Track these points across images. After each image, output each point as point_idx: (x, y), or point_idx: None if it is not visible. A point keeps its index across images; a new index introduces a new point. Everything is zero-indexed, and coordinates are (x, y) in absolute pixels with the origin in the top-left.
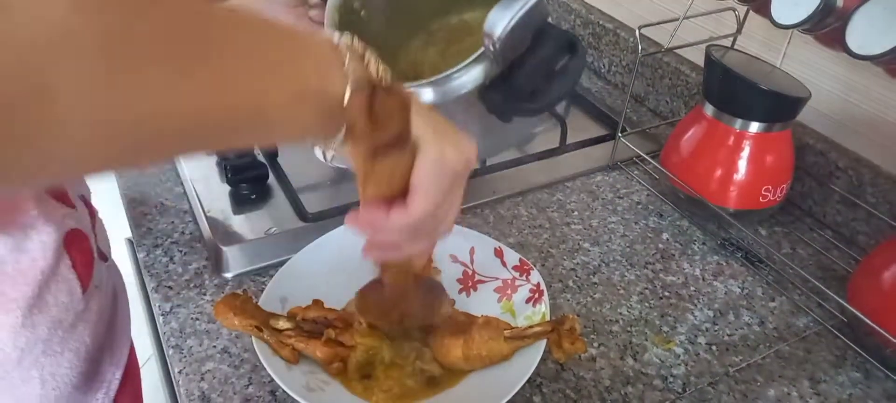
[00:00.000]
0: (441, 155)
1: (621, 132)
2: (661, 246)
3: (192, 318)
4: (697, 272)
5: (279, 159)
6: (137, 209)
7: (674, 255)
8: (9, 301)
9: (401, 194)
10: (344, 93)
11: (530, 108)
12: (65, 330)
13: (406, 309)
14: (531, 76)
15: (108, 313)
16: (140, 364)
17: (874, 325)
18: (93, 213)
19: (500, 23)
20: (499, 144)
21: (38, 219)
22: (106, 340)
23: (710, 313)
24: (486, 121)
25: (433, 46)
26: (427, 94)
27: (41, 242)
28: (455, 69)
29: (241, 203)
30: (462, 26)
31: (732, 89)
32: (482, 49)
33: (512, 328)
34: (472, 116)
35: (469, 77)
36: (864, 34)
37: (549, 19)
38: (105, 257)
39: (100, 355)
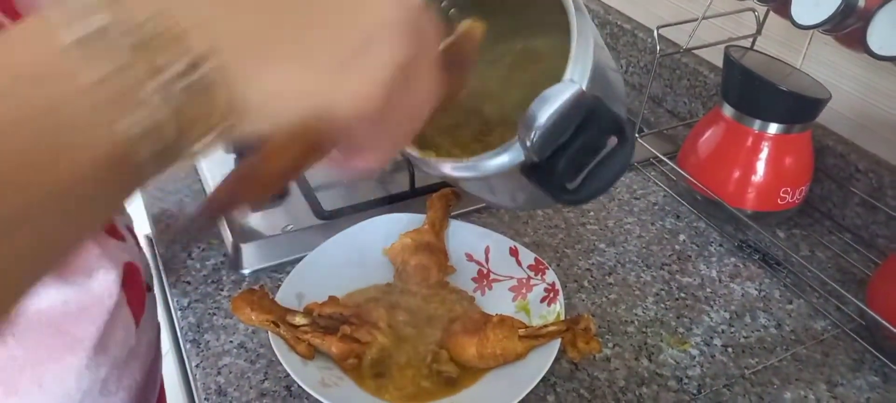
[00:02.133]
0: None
1: (639, 133)
2: (677, 247)
3: (209, 313)
4: (714, 273)
5: None
6: (157, 206)
7: (690, 257)
8: (76, 341)
9: None
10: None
11: (571, 200)
12: (120, 368)
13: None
14: (575, 159)
15: (154, 347)
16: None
17: (893, 329)
18: (138, 244)
19: (533, 125)
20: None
21: (101, 258)
22: (151, 374)
23: (727, 315)
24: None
25: (496, 70)
26: (455, 172)
27: (105, 281)
28: (486, 155)
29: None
30: (527, 53)
31: (751, 90)
32: (509, 142)
33: (526, 327)
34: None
35: (502, 161)
36: (885, 34)
37: (603, 98)
38: (150, 288)
39: (146, 391)
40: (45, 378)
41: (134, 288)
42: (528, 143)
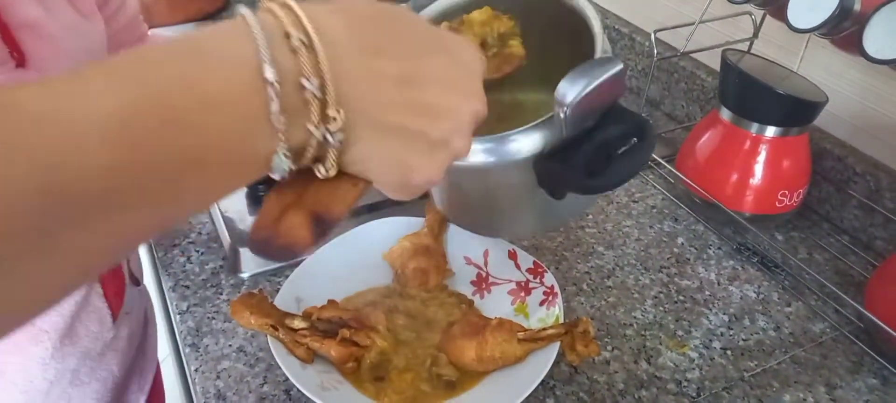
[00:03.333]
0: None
1: None
2: (676, 250)
3: (208, 317)
4: (713, 276)
5: None
6: None
7: (689, 259)
8: (40, 332)
9: None
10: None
11: (588, 185)
12: (93, 359)
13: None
14: (594, 153)
15: (137, 339)
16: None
17: (891, 331)
18: None
19: (574, 88)
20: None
21: None
22: (134, 366)
23: (726, 317)
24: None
25: (486, 121)
26: (480, 153)
27: None
28: (516, 130)
29: (257, 204)
30: (514, 104)
31: (749, 93)
32: (547, 115)
33: (525, 330)
34: (518, 187)
35: (527, 142)
36: (881, 38)
37: (621, 101)
38: (137, 281)
39: (127, 382)
40: (7, 368)
41: (111, 280)
42: (564, 112)
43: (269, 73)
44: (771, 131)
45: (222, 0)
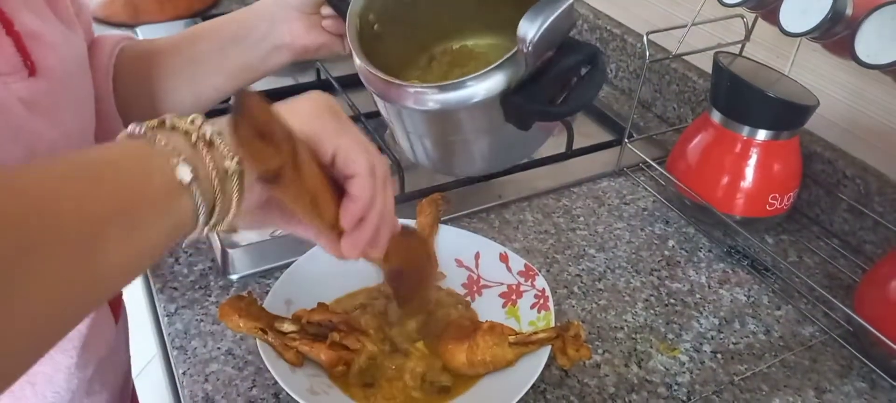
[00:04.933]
0: (334, 134)
1: (628, 138)
2: (666, 252)
3: (196, 320)
4: (703, 279)
5: None
6: None
7: (679, 262)
8: (66, 340)
9: (333, 198)
10: (179, 177)
11: (552, 112)
12: (103, 367)
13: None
14: (554, 84)
15: (128, 349)
16: (143, 364)
17: (880, 335)
18: None
19: (533, 26)
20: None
21: None
22: (127, 377)
23: (716, 321)
24: (497, 132)
25: (438, 69)
26: (450, 98)
27: None
28: (480, 72)
29: None
30: (464, 52)
31: (740, 96)
32: (507, 55)
33: (516, 333)
34: (479, 127)
35: (493, 82)
36: (872, 43)
37: (572, 33)
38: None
39: (123, 395)
40: (37, 378)
41: None
42: (527, 47)
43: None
44: (762, 134)
45: None
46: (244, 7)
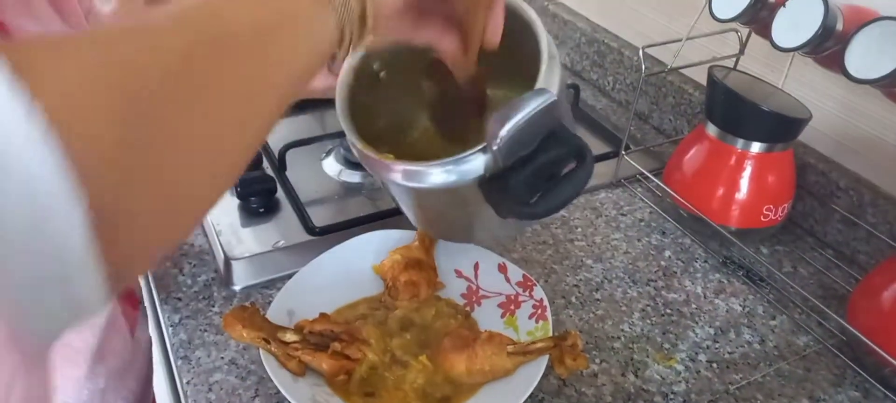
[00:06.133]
0: None
1: (625, 150)
2: (663, 263)
3: (200, 330)
4: (699, 290)
5: (287, 173)
6: None
7: (676, 273)
8: (75, 352)
9: None
10: None
11: (527, 212)
12: (116, 379)
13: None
14: (537, 174)
15: (148, 360)
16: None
17: (873, 345)
18: None
19: (503, 124)
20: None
21: None
22: (146, 387)
23: (712, 331)
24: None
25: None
26: (430, 177)
27: None
28: (455, 157)
29: (249, 216)
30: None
31: (734, 110)
32: (476, 147)
33: (515, 343)
34: (472, 203)
35: (468, 167)
36: (862, 58)
37: (563, 123)
38: (140, 301)
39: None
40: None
41: (127, 299)
42: (496, 145)
43: None
44: (756, 147)
45: None
46: None
